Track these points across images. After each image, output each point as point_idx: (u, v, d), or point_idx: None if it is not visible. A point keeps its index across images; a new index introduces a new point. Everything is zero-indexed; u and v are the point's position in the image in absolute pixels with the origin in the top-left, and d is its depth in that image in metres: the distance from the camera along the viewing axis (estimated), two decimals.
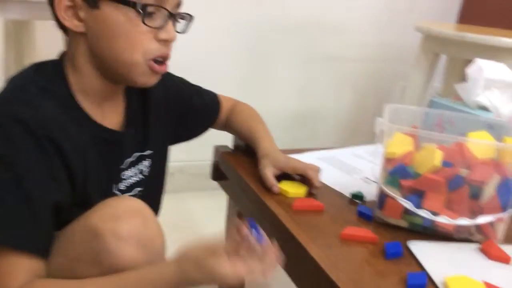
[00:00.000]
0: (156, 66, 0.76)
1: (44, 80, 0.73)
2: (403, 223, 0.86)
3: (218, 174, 1.17)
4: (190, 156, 1.99)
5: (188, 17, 0.79)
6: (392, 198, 0.83)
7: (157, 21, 0.73)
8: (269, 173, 0.96)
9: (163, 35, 0.74)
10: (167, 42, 0.75)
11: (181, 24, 0.79)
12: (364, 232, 0.82)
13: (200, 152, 1.83)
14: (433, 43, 1.68)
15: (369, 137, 2.43)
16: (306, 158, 1.16)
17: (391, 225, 0.87)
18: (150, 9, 0.72)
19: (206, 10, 1.88)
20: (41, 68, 0.76)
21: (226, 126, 1.11)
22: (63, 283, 0.67)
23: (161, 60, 0.76)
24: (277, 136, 1.29)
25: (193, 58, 1.83)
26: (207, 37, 1.90)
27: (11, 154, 0.66)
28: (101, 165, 0.78)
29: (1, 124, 0.67)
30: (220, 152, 1.16)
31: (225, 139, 1.18)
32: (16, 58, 1.57)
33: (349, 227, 0.83)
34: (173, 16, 0.76)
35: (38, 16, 1.30)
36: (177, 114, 0.97)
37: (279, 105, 2.15)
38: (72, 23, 0.73)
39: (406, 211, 0.84)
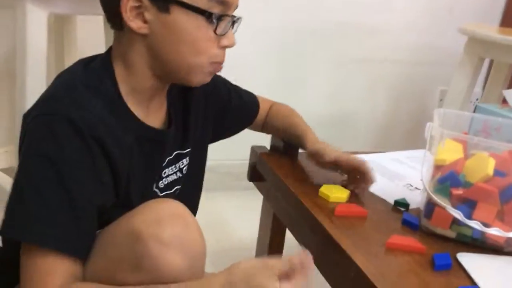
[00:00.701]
0: (217, 67, 0.78)
1: (93, 78, 0.73)
2: (450, 234, 0.82)
3: (255, 175, 1.16)
4: (222, 155, 1.98)
5: (240, 20, 0.80)
6: (441, 207, 0.80)
7: (221, 28, 0.74)
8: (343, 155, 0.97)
9: (225, 41, 0.76)
10: (226, 48, 0.77)
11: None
12: (411, 241, 0.79)
13: (232, 151, 1.82)
14: (478, 47, 1.63)
15: (405, 141, 2.40)
16: None
17: (438, 235, 0.83)
18: (219, 17, 0.73)
19: (238, 12, 1.86)
20: (89, 65, 0.75)
21: (264, 127, 1.09)
22: None
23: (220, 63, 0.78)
24: None
25: (226, 62, 1.82)
26: (239, 39, 1.89)
27: (57, 152, 0.65)
28: (144, 164, 0.77)
29: (50, 121, 0.66)
30: (258, 153, 1.15)
31: (259, 138, 1.16)
32: (57, 53, 1.58)
33: (395, 236, 0.80)
34: (234, 22, 0.77)
35: (80, 11, 1.31)
36: (216, 112, 0.96)
37: (311, 108, 2.11)
38: (136, 24, 0.72)
39: (455, 221, 0.81)
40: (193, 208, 0.93)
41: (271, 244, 1.17)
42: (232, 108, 0.99)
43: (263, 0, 1.89)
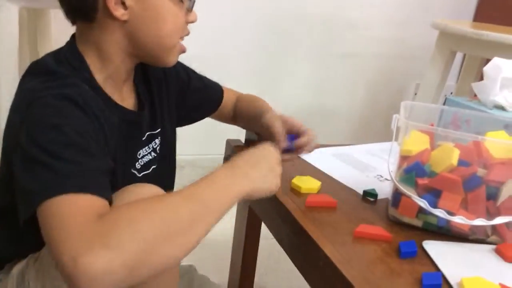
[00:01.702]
0: (183, 46, 0.82)
1: (68, 67, 0.74)
2: (417, 222, 0.85)
3: None
4: (201, 150, 2.00)
5: None
6: (407, 196, 0.82)
7: (186, 4, 0.79)
8: (279, 126, 0.93)
9: (192, 17, 0.81)
10: (192, 23, 0.82)
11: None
12: (378, 230, 0.81)
13: (211, 145, 1.83)
14: (450, 41, 1.66)
15: (383, 134, 2.42)
16: (319, 154, 1.16)
17: (405, 224, 0.85)
18: None
19: (222, 3, 1.87)
20: (59, 56, 0.76)
21: (234, 117, 1.10)
22: (147, 202, 0.63)
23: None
24: None
25: (208, 51, 1.83)
26: (223, 31, 1.89)
27: (65, 122, 0.65)
28: (124, 146, 0.79)
29: (49, 102, 0.66)
30: (232, 146, 1.16)
31: (237, 133, 1.17)
32: (31, 48, 1.57)
33: (363, 225, 0.82)
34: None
35: (52, 4, 1.30)
36: (177, 94, 0.98)
37: (292, 100, 2.15)
38: (119, 12, 0.74)
39: (421, 210, 0.83)
40: (171, 186, 0.97)
41: (247, 236, 1.18)
42: (192, 89, 1.01)
43: None
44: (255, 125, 1.01)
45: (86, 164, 0.63)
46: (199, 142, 1.95)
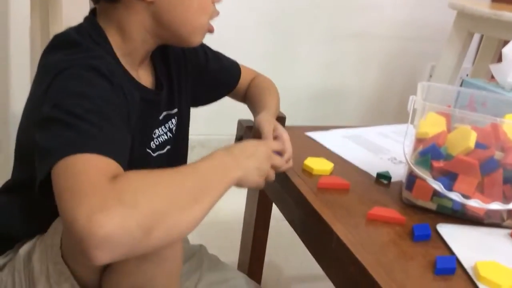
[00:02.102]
0: (211, 26, 0.82)
1: (90, 41, 0.73)
2: (431, 206, 0.83)
3: None
4: (212, 130, 1.99)
5: None
6: (422, 179, 0.80)
7: None
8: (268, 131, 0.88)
9: None
10: (217, 3, 0.82)
11: None
12: (392, 213, 0.80)
13: (222, 125, 1.82)
14: (467, 21, 1.62)
15: (395, 116, 2.41)
16: (331, 135, 1.14)
17: (419, 207, 0.84)
18: None
19: None
20: (81, 30, 0.75)
21: (244, 99, 1.09)
22: (155, 172, 0.63)
23: None
24: (301, 112, 1.27)
25: (217, 31, 1.81)
26: (232, 11, 1.86)
27: (91, 90, 0.65)
28: (141, 124, 0.79)
29: (75, 72, 0.66)
30: (244, 126, 1.14)
31: (248, 113, 1.16)
32: (42, 22, 1.56)
33: (376, 207, 0.81)
34: None
35: None
36: (194, 74, 0.97)
37: (304, 81, 2.12)
38: None
39: (436, 193, 0.82)
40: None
41: (258, 218, 1.18)
42: (210, 70, 1.00)
43: None
44: (253, 117, 1.01)
45: (107, 129, 0.62)
46: (210, 122, 1.94)
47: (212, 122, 1.93)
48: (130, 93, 0.74)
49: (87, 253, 0.51)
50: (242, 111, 1.15)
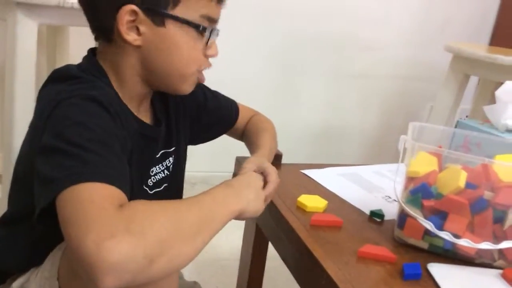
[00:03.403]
0: (201, 76, 0.83)
1: (90, 76, 0.76)
2: (423, 244, 0.84)
3: None
4: (212, 167, 2.00)
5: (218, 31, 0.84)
6: (413, 218, 0.81)
7: (205, 39, 0.80)
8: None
9: (211, 51, 0.81)
10: (212, 57, 0.83)
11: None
12: (383, 251, 0.80)
13: (223, 162, 1.83)
14: (463, 64, 1.66)
15: (394, 155, 2.41)
16: (326, 173, 1.16)
17: (411, 246, 0.85)
18: (207, 31, 0.78)
19: (240, 21, 1.89)
20: (80, 66, 0.78)
21: (242, 137, 1.11)
22: (160, 203, 0.64)
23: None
24: (301, 149, 1.29)
25: (224, 69, 1.85)
26: (239, 48, 1.91)
27: (91, 120, 0.66)
28: (137, 160, 0.80)
29: (75, 102, 0.67)
30: (241, 163, 1.16)
31: (246, 150, 1.18)
32: (49, 63, 1.61)
33: (367, 245, 0.81)
34: (217, 35, 0.82)
35: (70, 22, 1.34)
36: (193, 114, 0.99)
37: (305, 118, 2.15)
38: (131, 37, 0.75)
39: (427, 232, 0.82)
40: None
41: (254, 255, 1.18)
42: (208, 110, 1.02)
43: (262, 11, 1.92)
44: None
45: (110, 158, 0.64)
46: (210, 159, 1.96)
47: (214, 159, 1.95)
48: (129, 126, 0.76)
49: (95, 278, 0.52)
50: (242, 148, 1.17)
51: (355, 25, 2.10)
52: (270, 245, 1.11)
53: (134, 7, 0.74)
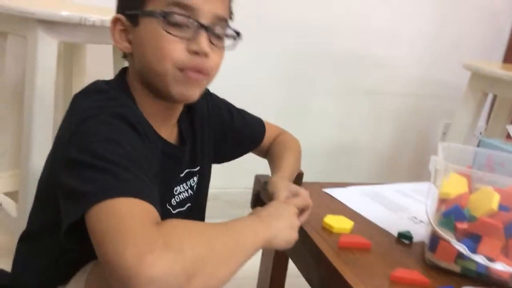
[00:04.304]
0: (190, 73, 0.74)
1: (119, 96, 0.76)
2: (455, 268, 0.82)
3: (258, 203, 1.15)
4: (225, 183, 1.99)
5: (235, 35, 0.80)
6: (446, 241, 0.79)
7: (186, 32, 0.74)
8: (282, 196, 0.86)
9: (193, 46, 0.73)
10: (200, 55, 0.74)
11: (228, 41, 0.80)
12: (415, 275, 0.78)
13: (235, 179, 1.82)
14: (482, 82, 1.65)
15: (409, 172, 2.40)
16: (349, 192, 1.14)
17: (442, 269, 0.83)
18: (178, 18, 0.73)
19: (249, 38, 1.89)
20: (109, 83, 0.79)
21: (267, 155, 1.09)
22: (194, 222, 0.64)
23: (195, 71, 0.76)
24: (312, 165, 1.27)
25: (233, 87, 1.84)
26: (249, 65, 1.91)
27: (120, 137, 0.66)
28: (161, 179, 0.78)
29: (104, 119, 0.67)
30: (262, 182, 1.15)
31: (262, 166, 1.16)
32: (65, 80, 1.60)
33: (399, 269, 0.79)
34: (206, 29, 0.74)
35: (90, 40, 1.34)
36: (219, 133, 0.98)
37: (317, 136, 2.14)
38: (123, 45, 0.77)
39: (459, 255, 0.80)
40: None
41: (273, 273, 1.16)
42: (234, 129, 1.01)
43: (272, 28, 1.92)
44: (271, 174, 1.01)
45: (141, 176, 0.63)
46: (223, 175, 1.94)
47: (225, 175, 1.93)
48: (154, 145, 0.75)
49: None
50: (256, 164, 1.15)
51: (367, 42, 2.10)
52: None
53: (118, 15, 0.76)
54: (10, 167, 1.64)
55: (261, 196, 1.14)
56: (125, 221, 0.56)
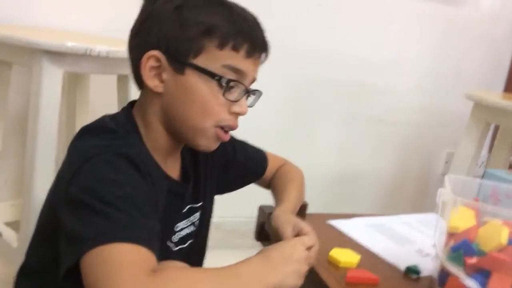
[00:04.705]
0: (222, 134, 0.79)
1: (123, 130, 0.75)
2: None
3: (263, 234, 1.14)
4: (227, 213, 1.97)
5: (259, 93, 0.83)
6: (455, 276, 0.78)
7: (234, 94, 0.77)
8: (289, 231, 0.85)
9: (236, 108, 0.78)
10: (238, 115, 0.79)
11: (251, 98, 0.83)
12: None
13: (237, 208, 1.80)
14: (484, 112, 1.65)
15: (411, 201, 2.38)
16: (354, 224, 1.13)
17: None
18: (232, 84, 0.76)
19: None
20: (115, 119, 0.78)
21: (269, 187, 1.09)
22: (194, 271, 0.64)
23: (228, 130, 0.80)
24: (315, 195, 1.26)
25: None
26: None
27: (123, 178, 0.65)
28: (163, 216, 0.77)
29: (107, 159, 0.66)
30: (266, 213, 1.13)
31: (265, 196, 1.15)
32: (68, 110, 1.61)
33: None
34: (248, 92, 0.80)
35: (95, 70, 1.35)
36: (221, 166, 0.97)
37: (319, 163, 2.13)
38: (153, 83, 0.75)
39: None
40: (202, 261, 0.96)
41: None
42: (237, 162, 1.00)
43: (275, 56, 1.93)
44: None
45: (139, 218, 0.62)
46: (225, 204, 1.92)
47: (228, 204, 1.91)
48: (159, 183, 0.74)
49: None
50: (258, 193, 1.14)
51: (369, 71, 2.11)
52: None
53: (157, 53, 0.74)
54: (11, 196, 1.63)
55: (265, 228, 1.13)
56: (116, 271, 0.54)
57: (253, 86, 0.83)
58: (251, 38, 0.77)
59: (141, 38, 0.76)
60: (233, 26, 0.75)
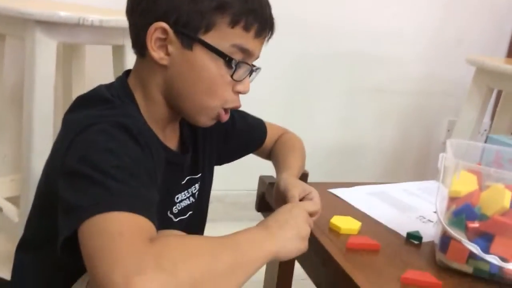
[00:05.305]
0: (223, 114, 0.78)
1: (119, 101, 0.74)
2: (467, 269, 0.80)
3: (263, 205, 1.13)
4: (229, 185, 1.97)
5: (259, 70, 0.81)
6: (457, 240, 0.77)
7: (239, 74, 0.76)
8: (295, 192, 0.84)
9: (240, 87, 0.77)
10: (240, 93, 0.78)
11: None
12: (427, 276, 0.76)
13: (239, 181, 1.80)
14: (487, 77, 1.63)
15: (413, 170, 2.37)
16: (355, 192, 1.12)
17: (454, 270, 0.80)
18: (240, 64, 0.75)
19: None
20: (111, 90, 0.76)
21: (269, 156, 1.08)
22: (193, 239, 0.63)
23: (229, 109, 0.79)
24: (317, 166, 1.26)
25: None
26: None
27: (120, 147, 0.63)
28: (163, 187, 0.76)
29: (103, 128, 0.65)
30: (267, 183, 1.13)
31: (266, 168, 1.14)
32: (64, 82, 1.59)
33: (410, 271, 0.77)
34: (252, 71, 0.78)
35: (89, 41, 1.32)
36: (221, 137, 0.96)
37: (321, 134, 2.12)
38: (158, 54, 0.73)
39: (471, 256, 0.78)
40: (201, 233, 0.96)
41: (280, 276, 1.14)
42: (236, 131, 0.99)
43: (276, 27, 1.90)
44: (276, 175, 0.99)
45: (137, 188, 0.61)
46: (226, 177, 1.92)
47: (229, 177, 1.91)
48: (157, 154, 0.72)
49: None
50: (259, 165, 1.13)
51: (369, 41, 2.08)
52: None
53: (165, 25, 0.72)
54: (11, 171, 1.62)
55: (266, 198, 1.12)
56: (115, 239, 0.53)
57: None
58: (261, 18, 0.75)
59: (148, 4, 0.73)
60: (245, 4, 0.73)
